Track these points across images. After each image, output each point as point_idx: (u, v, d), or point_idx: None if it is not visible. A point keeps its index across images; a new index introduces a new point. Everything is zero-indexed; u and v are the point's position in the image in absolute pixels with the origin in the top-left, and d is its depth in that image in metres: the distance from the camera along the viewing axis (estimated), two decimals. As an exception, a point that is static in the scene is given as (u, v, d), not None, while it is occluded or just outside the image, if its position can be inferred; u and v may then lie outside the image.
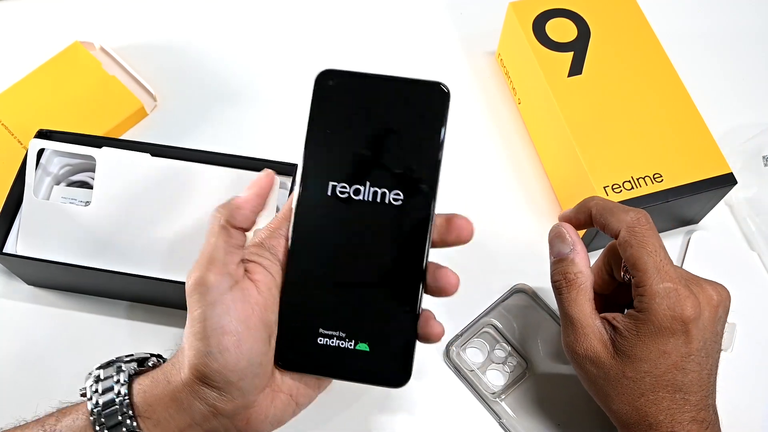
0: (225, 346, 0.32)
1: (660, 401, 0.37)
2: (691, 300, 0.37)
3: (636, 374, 0.37)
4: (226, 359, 0.33)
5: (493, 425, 0.46)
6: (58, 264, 0.45)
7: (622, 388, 0.37)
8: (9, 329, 0.48)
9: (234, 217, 0.35)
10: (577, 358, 0.39)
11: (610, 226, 0.39)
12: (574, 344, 0.38)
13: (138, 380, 0.35)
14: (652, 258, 0.37)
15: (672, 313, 0.36)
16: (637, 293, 0.37)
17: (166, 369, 0.35)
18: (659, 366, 0.37)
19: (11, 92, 0.55)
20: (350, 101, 0.35)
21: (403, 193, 0.35)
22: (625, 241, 0.38)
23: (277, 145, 0.56)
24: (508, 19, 0.56)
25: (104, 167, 0.46)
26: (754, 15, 0.63)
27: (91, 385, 0.36)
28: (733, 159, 0.53)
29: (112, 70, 0.57)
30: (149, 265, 0.45)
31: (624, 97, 0.50)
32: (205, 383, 0.33)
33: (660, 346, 0.37)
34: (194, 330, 0.33)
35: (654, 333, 0.37)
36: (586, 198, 0.42)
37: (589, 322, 0.38)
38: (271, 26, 0.62)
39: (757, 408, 0.46)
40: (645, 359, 0.37)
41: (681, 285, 0.37)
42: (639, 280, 0.37)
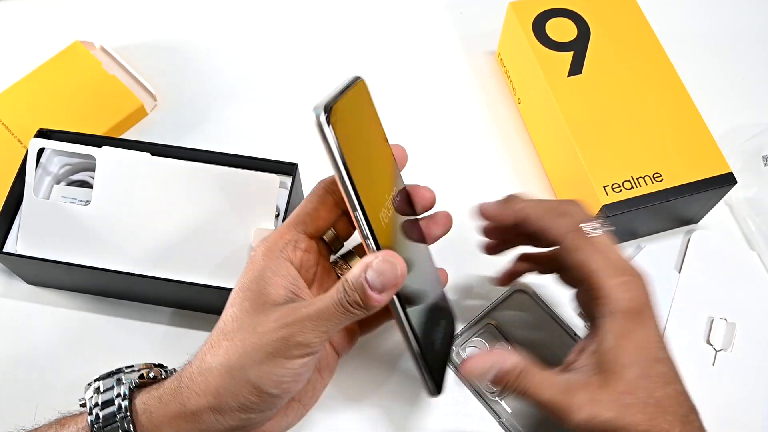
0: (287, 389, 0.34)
1: (662, 400, 0.35)
2: (642, 285, 0.36)
3: (630, 385, 0.34)
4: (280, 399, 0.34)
5: (493, 425, 0.46)
6: (58, 263, 0.45)
7: (629, 411, 0.34)
8: (9, 328, 0.48)
9: (366, 314, 0.34)
10: (583, 426, 0.34)
11: (549, 231, 0.37)
12: (571, 417, 0.34)
13: (141, 396, 0.35)
14: (599, 257, 0.36)
15: (635, 304, 0.35)
16: (593, 297, 0.36)
17: (180, 390, 0.34)
18: (643, 365, 0.35)
19: (11, 92, 0.55)
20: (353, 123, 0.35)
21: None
22: (569, 247, 0.36)
23: (277, 144, 0.56)
24: (508, 19, 0.56)
25: (104, 167, 0.46)
26: (754, 15, 0.63)
27: (91, 397, 0.35)
28: (733, 159, 0.53)
29: (112, 69, 0.57)
30: (149, 265, 0.45)
31: (624, 97, 0.50)
32: (236, 413, 0.33)
33: (636, 341, 0.35)
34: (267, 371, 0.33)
35: (626, 331, 0.35)
36: (511, 196, 0.39)
37: (563, 386, 0.35)
38: (271, 25, 0.62)
39: (757, 408, 0.46)
40: (631, 362, 0.35)
41: (631, 274, 0.36)
42: (591, 283, 0.36)
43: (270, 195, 0.45)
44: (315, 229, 0.37)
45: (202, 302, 0.47)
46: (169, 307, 0.49)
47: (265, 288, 0.35)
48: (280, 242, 0.36)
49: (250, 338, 0.33)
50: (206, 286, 0.44)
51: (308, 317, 0.33)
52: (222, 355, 0.34)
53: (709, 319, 0.49)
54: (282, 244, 0.36)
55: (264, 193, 0.45)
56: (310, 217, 0.37)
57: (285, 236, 0.36)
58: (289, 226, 0.37)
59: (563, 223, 0.37)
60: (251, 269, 0.36)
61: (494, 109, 0.58)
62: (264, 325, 0.33)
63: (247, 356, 0.33)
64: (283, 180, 0.47)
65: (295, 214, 0.37)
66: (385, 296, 0.33)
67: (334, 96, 0.33)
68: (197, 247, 0.45)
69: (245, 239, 0.45)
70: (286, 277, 0.35)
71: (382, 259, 0.33)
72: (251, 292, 0.35)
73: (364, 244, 0.34)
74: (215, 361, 0.34)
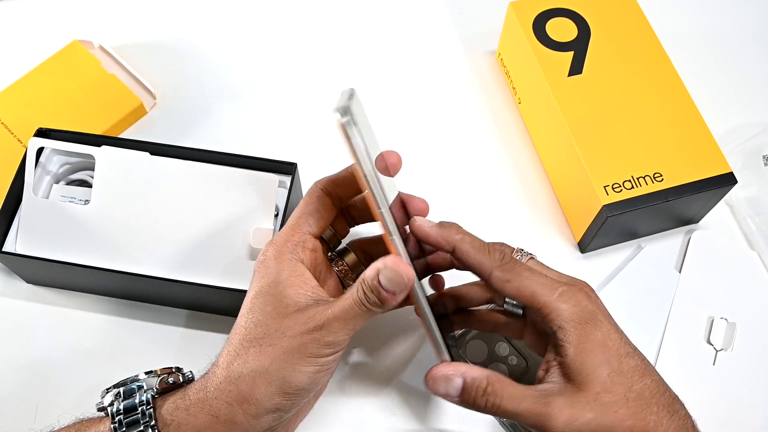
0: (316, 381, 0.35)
1: (642, 392, 0.35)
2: (581, 291, 0.36)
3: (605, 384, 0.34)
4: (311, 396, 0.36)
5: (493, 425, 0.45)
6: (57, 262, 0.45)
7: (611, 408, 0.34)
8: (8, 327, 0.48)
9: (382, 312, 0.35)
10: (569, 429, 0.34)
11: (482, 267, 0.37)
12: (549, 425, 0.34)
13: (167, 406, 0.35)
14: (533, 279, 0.36)
15: (580, 308, 0.35)
16: (541, 316, 0.36)
17: (207, 400, 0.34)
18: (612, 362, 0.35)
19: (10, 91, 0.55)
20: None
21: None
22: (502, 279, 0.36)
23: (276, 143, 0.56)
24: (508, 19, 0.56)
25: (103, 166, 0.46)
26: (753, 14, 0.63)
27: (111, 403, 0.35)
28: (733, 158, 0.53)
29: (111, 68, 0.57)
30: (148, 264, 0.45)
31: (624, 97, 0.50)
32: (271, 414, 0.34)
33: (597, 342, 0.35)
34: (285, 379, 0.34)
35: (583, 337, 0.35)
36: (448, 224, 0.38)
37: (537, 396, 0.35)
38: (270, 24, 0.62)
39: (757, 408, 0.46)
40: (598, 363, 0.34)
41: (567, 284, 0.36)
42: (534, 304, 0.36)
43: (269, 195, 0.45)
44: (319, 228, 0.38)
45: (202, 301, 0.47)
46: (167, 306, 0.49)
47: (284, 291, 0.35)
48: (289, 244, 0.37)
49: (281, 342, 0.34)
50: (206, 286, 0.44)
51: (335, 318, 0.34)
52: (252, 361, 0.34)
53: (709, 319, 0.49)
54: (291, 246, 0.37)
55: (263, 192, 0.45)
56: (314, 218, 0.38)
57: (293, 237, 0.37)
58: (295, 228, 0.37)
59: (492, 259, 0.37)
60: (266, 273, 0.36)
61: (494, 109, 0.58)
62: (293, 328, 0.34)
63: (281, 360, 0.34)
64: (282, 179, 0.47)
65: (298, 215, 0.38)
66: (400, 297, 0.35)
67: (346, 101, 0.33)
68: (196, 246, 0.45)
69: (244, 239, 0.45)
70: (302, 278, 0.36)
71: (390, 268, 0.34)
72: (271, 296, 0.35)
73: (388, 241, 0.35)
74: (245, 368, 0.34)
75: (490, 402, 0.35)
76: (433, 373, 0.36)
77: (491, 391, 0.35)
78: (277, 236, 0.38)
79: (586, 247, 0.51)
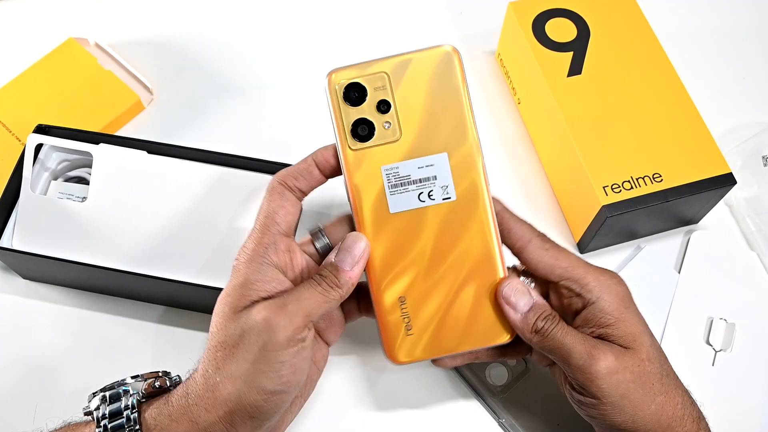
0: (291, 384, 0.34)
1: (670, 373, 0.36)
2: (613, 273, 0.38)
3: (649, 353, 0.35)
4: (286, 395, 0.34)
5: (493, 425, 0.45)
6: (53, 259, 0.44)
7: (649, 379, 0.35)
8: (5, 323, 0.48)
9: (345, 294, 0.36)
10: (603, 379, 0.34)
11: (521, 232, 0.38)
12: (593, 366, 0.34)
13: (150, 411, 0.35)
14: (569, 253, 0.38)
15: (616, 281, 0.37)
16: (579, 287, 0.37)
17: (188, 407, 0.34)
18: (650, 335, 0.36)
19: (7, 89, 0.55)
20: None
21: None
22: (541, 247, 0.37)
23: (275, 141, 0.56)
24: (507, 19, 0.55)
25: (101, 164, 0.46)
26: (753, 14, 0.63)
27: (97, 407, 0.35)
28: (732, 159, 0.53)
29: (108, 65, 0.57)
30: (143, 262, 0.45)
31: (623, 97, 0.50)
32: (252, 417, 0.34)
33: (636, 314, 0.37)
34: (262, 369, 0.33)
35: (623, 306, 0.36)
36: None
37: (588, 339, 0.36)
38: (269, 22, 0.62)
39: (757, 408, 0.46)
40: (643, 332, 0.36)
41: (608, 270, 0.38)
42: (573, 274, 0.37)
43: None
44: (287, 226, 0.37)
45: (196, 301, 0.47)
46: (162, 305, 0.49)
47: (247, 292, 0.35)
48: (260, 248, 0.36)
49: (238, 342, 0.33)
50: (200, 286, 0.44)
51: (290, 304, 0.34)
52: (223, 367, 0.34)
53: (708, 320, 0.48)
54: (262, 249, 0.36)
55: (260, 193, 0.45)
56: (279, 216, 0.37)
57: (263, 241, 0.36)
58: (263, 230, 0.36)
59: (531, 229, 0.38)
60: (234, 277, 0.36)
61: (494, 109, 0.58)
62: (247, 323, 0.33)
63: (241, 361, 0.33)
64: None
65: (264, 217, 0.37)
66: (357, 270, 0.35)
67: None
68: (192, 246, 0.45)
69: (240, 239, 0.44)
70: (272, 281, 0.35)
71: (347, 238, 0.36)
72: (231, 297, 0.35)
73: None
74: (219, 374, 0.34)
75: (547, 327, 0.36)
76: (513, 283, 0.37)
77: (553, 318, 0.36)
78: (247, 240, 0.37)
79: (585, 247, 0.51)
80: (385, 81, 0.36)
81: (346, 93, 0.36)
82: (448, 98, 0.36)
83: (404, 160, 0.36)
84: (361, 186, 0.36)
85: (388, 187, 0.36)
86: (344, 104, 0.36)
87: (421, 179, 0.36)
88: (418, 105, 0.36)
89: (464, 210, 0.37)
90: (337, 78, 0.36)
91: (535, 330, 0.36)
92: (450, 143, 0.36)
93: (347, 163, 0.36)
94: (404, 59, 0.36)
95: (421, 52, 0.36)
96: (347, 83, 0.36)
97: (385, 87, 0.36)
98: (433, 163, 0.36)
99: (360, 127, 0.36)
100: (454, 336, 0.37)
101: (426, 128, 0.36)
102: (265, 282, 0.35)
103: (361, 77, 0.36)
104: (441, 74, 0.36)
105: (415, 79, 0.36)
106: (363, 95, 0.36)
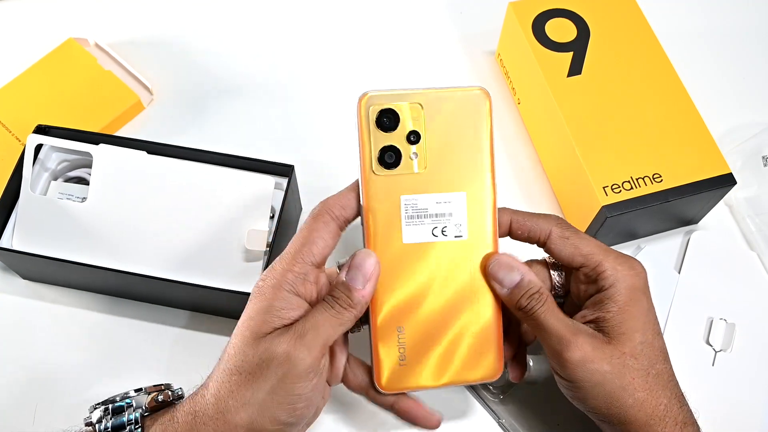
0: (303, 416, 0.34)
1: (661, 374, 0.36)
2: (635, 261, 0.38)
3: (635, 349, 0.35)
4: (298, 427, 0.34)
5: (493, 425, 0.45)
6: (53, 259, 0.44)
7: (630, 373, 0.35)
8: (5, 323, 0.48)
9: (359, 313, 0.35)
10: (575, 366, 0.35)
11: (539, 227, 0.38)
12: (566, 352, 0.35)
13: (155, 427, 0.34)
14: (590, 240, 0.38)
15: (634, 273, 0.37)
16: (595, 274, 0.37)
17: (196, 426, 0.34)
18: (648, 333, 0.36)
19: (7, 90, 0.55)
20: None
21: None
22: (562, 236, 0.38)
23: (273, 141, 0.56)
24: (507, 19, 0.55)
25: (101, 164, 0.46)
26: (753, 14, 0.63)
27: (99, 419, 0.35)
28: (732, 159, 0.53)
29: (108, 65, 0.57)
30: (143, 262, 0.45)
31: (623, 97, 0.50)
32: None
33: (642, 309, 0.36)
34: (279, 401, 0.33)
35: (632, 300, 0.36)
36: (501, 209, 0.39)
37: (570, 325, 0.36)
38: (269, 23, 0.62)
39: (757, 408, 0.46)
40: (637, 328, 0.36)
41: (628, 257, 0.38)
42: (590, 262, 0.37)
43: (265, 197, 0.45)
44: (322, 258, 0.36)
45: (196, 300, 0.47)
46: (162, 305, 0.49)
47: (270, 318, 0.34)
48: (289, 275, 0.35)
49: (256, 370, 0.33)
50: (200, 286, 0.44)
51: (308, 333, 0.34)
52: (235, 391, 0.33)
53: (708, 320, 0.48)
54: (292, 276, 0.35)
55: (259, 194, 0.45)
56: (318, 247, 0.36)
57: (294, 268, 0.35)
58: (296, 256, 0.35)
59: (549, 220, 0.38)
60: (259, 299, 0.35)
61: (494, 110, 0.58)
62: (267, 352, 0.33)
63: (257, 390, 0.33)
64: (278, 181, 0.47)
65: (301, 243, 0.36)
66: (369, 288, 0.35)
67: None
68: (191, 246, 0.45)
69: (239, 240, 0.45)
70: (296, 309, 0.35)
71: (356, 255, 0.35)
72: (254, 321, 0.34)
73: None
74: (233, 399, 0.33)
75: (531, 306, 0.36)
76: (500, 258, 0.37)
77: (538, 298, 0.36)
78: (278, 263, 0.36)
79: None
80: (419, 112, 0.36)
81: (379, 118, 0.36)
82: (474, 139, 0.37)
83: (424, 193, 0.37)
84: (378, 211, 0.36)
85: (404, 217, 0.37)
86: (375, 128, 0.36)
87: (437, 214, 0.37)
88: (446, 141, 0.37)
89: (473, 250, 0.37)
90: (373, 101, 0.36)
91: (519, 307, 0.36)
92: (469, 183, 0.37)
93: (367, 187, 0.36)
94: (440, 95, 0.37)
95: (457, 91, 0.37)
96: (382, 108, 0.36)
97: (419, 119, 0.36)
98: (451, 201, 0.37)
99: (387, 154, 0.36)
100: (445, 370, 0.38)
101: (450, 165, 0.37)
102: (288, 310, 0.35)
103: (397, 105, 0.36)
104: (472, 116, 0.37)
105: (448, 116, 0.36)
106: (396, 122, 0.36)
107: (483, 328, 0.37)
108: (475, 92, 0.37)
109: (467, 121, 0.37)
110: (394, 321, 0.37)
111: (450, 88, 0.37)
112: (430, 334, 0.37)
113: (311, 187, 0.51)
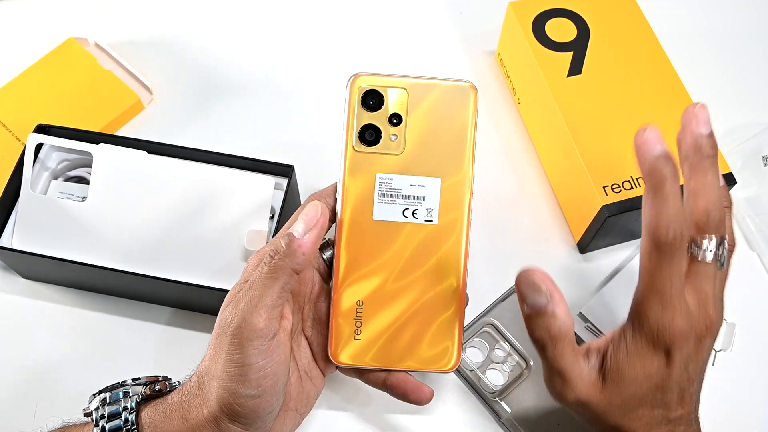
0: (264, 388, 0.33)
1: (640, 417, 0.35)
2: (683, 317, 0.33)
3: (622, 400, 0.35)
4: (263, 400, 0.33)
5: (493, 425, 0.45)
6: (53, 259, 0.44)
7: (607, 417, 0.35)
8: (5, 323, 0.48)
9: (296, 263, 0.34)
10: (569, 405, 0.36)
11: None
12: (563, 393, 0.35)
13: (147, 410, 0.35)
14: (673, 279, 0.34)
15: (659, 325, 0.33)
16: (635, 292, 0.35)
17: (181, 404, 0.35)
18: (643, 387, 0.34)
19: (7, 89, 0.55)
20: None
21: None
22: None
23: (275, 141, 0.56)
24: (507, 19, 0.55)
25: (101, 164, 0.46)
26: (753, 14, 0.63)
27: (96, 408, 0.35)
28: (732, 159, 0.53)
29: (108, 65, 0.57)
30: (142, 262, 0.45)
31: (623, 97, 0.50)
32: (234, 420, 0.33)
33: (646, 367, 0.34)
34: (231, 372, 0.33)
35: (641, 350, 0.34)
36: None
37: (576, 371, 0.35)
38: (269, 23, 0.62)
39: (757, 408, 0.46)
40: (631, 382, 0.34)
41: (676, 293, 0.33)
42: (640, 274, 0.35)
43: (265, 197, 0.45)
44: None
45: (195, 301, 0.47)
46: (161, 305, 0.49)
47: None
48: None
49: (215, 343, 0.34)
50: (199, 286, 0.44)
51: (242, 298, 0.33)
52: (208, 366, 0.34)
53: (708, 320, 0.48)
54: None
55: (259, 194, 0.45)
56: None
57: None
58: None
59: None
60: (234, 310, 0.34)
61: (494, 109, 0.58)
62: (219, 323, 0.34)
63: (216, 362, 0.34)
64: (278, 181, 0.47)
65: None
66: (309, 237, 0.34)
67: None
68: (191, 246, 0.45)
69: (239, 240, 0.45)
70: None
71: (304, 206, 0.36)
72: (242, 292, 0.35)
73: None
74: (209, 371, 0.34)
75: (544, 327, 0.33)
76: (530, 275, 0.33)
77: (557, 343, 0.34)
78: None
79: (585, 247, 0.51)
80: (404, 97, 0.37)
81: (365, 97, 0.37)
82: (456, 130, 0.38)
83: (400, 174, 0.37)
84: (354, 186, 0.37)
85: (377, 194, 0.37)
86: (360, 107, 0.37)
87: (410, 196, 0.38)
88: (427, 128, 0.38)
89: (442, 236, 0.38)
90: (361, 81, 0.37)
91: (530, 334, 0.35)
92: (446, 171, 0.38)
93: (346, 161, 0.37)
94: (427, 83, 0.38)
95: (444, 82, 0.38)
96: (369, 88, 0.37)
97: (403, 103, 0.37)
98: (425, 185, 0.38)
99: (368, 132, 0.37)
100: (400, 352, 0.38)
101: (428, 151, 0.38)
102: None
103: (382, 87, 0.37)
104: (456, 106, 0.38)
105: (432, 104, 0.38)
106: (380, 104, 0.37)
107: (443, 318, 0.38)
108: (461, 85, 0.38)
109: (451, 111, 0.38)
110: (354, 294, 0.37)
111: (440, 78, 0.38)
112: (389, 315, 0.38)
113: (311, 187, 0.51)
